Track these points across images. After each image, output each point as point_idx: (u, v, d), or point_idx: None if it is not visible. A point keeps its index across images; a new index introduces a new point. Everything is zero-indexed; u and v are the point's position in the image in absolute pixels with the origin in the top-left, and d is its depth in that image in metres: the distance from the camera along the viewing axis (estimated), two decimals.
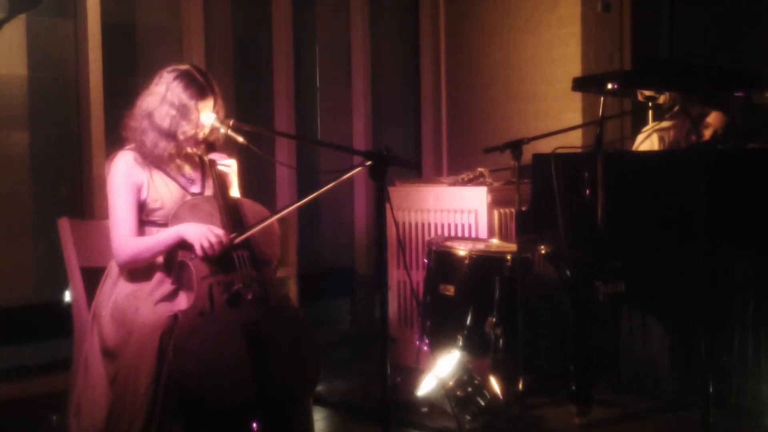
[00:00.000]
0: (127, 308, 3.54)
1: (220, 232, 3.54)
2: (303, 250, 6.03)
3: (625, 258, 4.68)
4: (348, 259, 6.71)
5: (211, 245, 3.50)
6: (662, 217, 4.22)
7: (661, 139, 5.07)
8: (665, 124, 5.11)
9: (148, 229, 3.68)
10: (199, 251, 3.50)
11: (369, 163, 3.22)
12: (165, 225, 3.64)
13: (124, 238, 3.58)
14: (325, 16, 6.71)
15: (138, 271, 3.61)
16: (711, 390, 4.15)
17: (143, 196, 3.65)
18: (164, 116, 3.64)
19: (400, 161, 3.42)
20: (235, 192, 3.93)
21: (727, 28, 6.30)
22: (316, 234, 6.56)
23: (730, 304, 4.61)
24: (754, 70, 5.62)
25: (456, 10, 7.02)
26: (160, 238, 3.60)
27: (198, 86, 3.68)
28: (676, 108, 5.03)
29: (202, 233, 3.52)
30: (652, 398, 4.85)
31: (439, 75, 7.10)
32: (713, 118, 5.06)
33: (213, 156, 3.86)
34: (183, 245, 3.57)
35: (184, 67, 3.75)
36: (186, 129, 3.66)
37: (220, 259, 3.57)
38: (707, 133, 5.06)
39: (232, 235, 3.56)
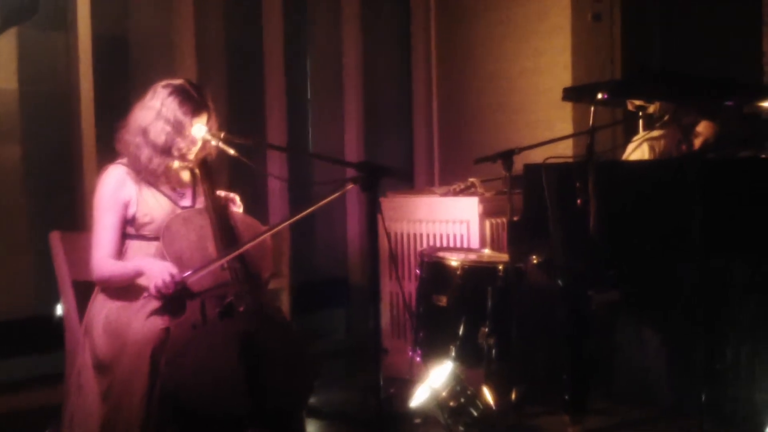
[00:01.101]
0: (120, 321, 3.55)
1: (174, 271, 3.50)
2: (297, 261, 6.03)
3: (618, 267, 4.69)
4: (342, 269, 6.70)
5: (165, 284, 3.47)
6: (654, 226, 4.21)
7: (652, 149, 5.07)
8: (656, 133, 5.12)
9: (138, 243, 3.70)
10: (152, 290, 3.48)
11: (355, 184, 3.24)
12: (155, 239, 3.65)
13: (101, 258, 3.62)
14: (317, 27, 6.72)
15: (132, 284, 3.62)
16: (705, 398, 4.16)
17: (132, 211, 3.68)
18: (159, 132, 3.65)
19: (392, 172, 3.44)
20: None
21: (718, 37, 6.31)
22: (309, 245, 6.56)
23: (725, 312, 4.62)
24: (744, 79, 5.65)
25: (447, 20, 7.04)
26: (127, 268, 3.61)
27: (193, 102, 3.70)
28: (667, 117, 5.03)
29: (159, 272, 3.49)
30: (648, 406, 4.85)
31: (430, 86, 7.11)
32: (703, 127, 5.06)
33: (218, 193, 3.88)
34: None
35: (178, 82, 3.76)
36: (181, 145, 3.68)
37: (176, 296, 3.54)
38: (698, 142, 5.06)
39: (187, 274, 3.51)
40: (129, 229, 3.70)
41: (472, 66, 6.86)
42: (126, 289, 3.61)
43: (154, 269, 3.51)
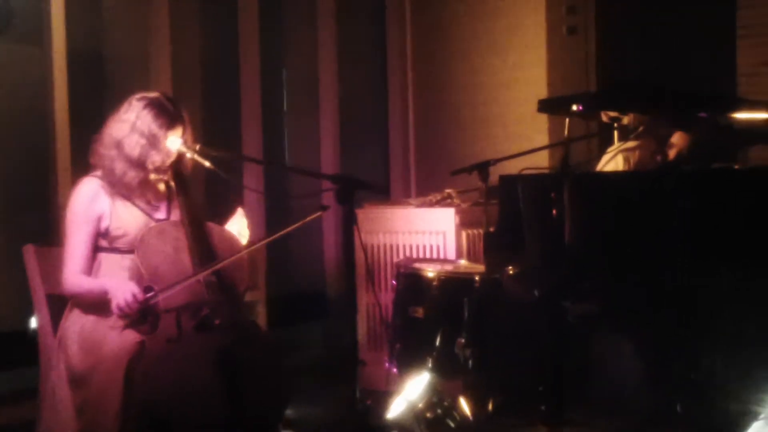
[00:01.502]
0: (94, 335, 3.54)
1: (136, 290, 3.49)
2: (273, 273, 6.01)
3: (594, 278, 4.69)
4: (318, 281, 6.69)
5: (127, 304, 3.46)
6: (630, 237, 4.23)
7: (626, 160, 5.09)
8: (630, 144, 5.13)
9: (111, 256, 3.68)
10: (114, 310, 3.47)
11: (324, 211, 3.26)
12: (129, 252, 3.63)
13: (72, 273, 3.61)
14: (293, 39, 6.73)
15: (105, 299, 3.59)
16: (681, 408, 4.18)
17: (105, 224, 3.66)
18: (134, 145, 3.63)
19: (368, 185, 3.46)
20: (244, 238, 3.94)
21: (694, 49, 6.35)
22: (285, 257, 6.54)
23: (700, 323, 4.63)
24: (719, 91, 5.69)
25: (424, 33, 7.06)
26: (93, 286, 3.59)
27: (168, 115, 3.69)
28: (641, 128, 5.05)
29: (121, 293, 3.47)
30: (625, 417, 4.85)
31: (406, 98, 7.12)
32: (678, 138, 5.08)
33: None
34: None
35: (153, 95, 3.75)
36: (155, 158, 3.66)
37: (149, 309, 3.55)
38: (672, 153, 5.08)
39: (149, 294, 3.51)
40: (102, 242, 3.68)
41: (448, 79, 6.88)
42: (100, 303, 3.58)
43: (117, 290, 3.49)
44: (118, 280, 3.57)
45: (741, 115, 4.81)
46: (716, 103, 4.90)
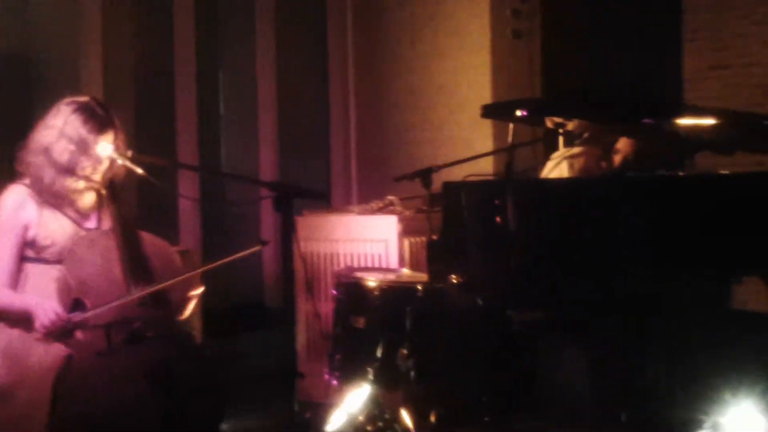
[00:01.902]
0: (20, 348, 3.44)
1: (59, 309, 3.41)
2: (210, 284, 5.91)
3: (538, 286, 4.67)
4: (257, 292, 6.61)
5: (51, 323, 3.38)
6: (575, 245, 4.21)
7: (571, 166, 5.09)
8: (575, 150, 5.13)
9: (38, 266, 3.57)
10: (39, 328, 3.39)
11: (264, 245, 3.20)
12: (57, 262, 3.54)
13: None
14: (230, 43, 6.66)
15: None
16: (626, 416, 4.16)
17: (31, 234, 3.56)
18: (62, 151, 3.55)
19: (306, 193, 3.41)
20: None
21: (640, 53, 6.40)
22: (223, 268, 6.46)
23: (645, 331, 4.62)
24: (665, 96, 5.71)
25: (365, 38, 7.04)
26: (14, 304, 3.50)
27: (98, 120, 3.61)
28: (587, 134, 5.04)
29: (43, 312, 3.39)
30: (571, 424, 4.83)
31: (348, 103, 7.09)
32: (623, 144, 5.10)
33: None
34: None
35: (83, 99, 3.68)
36: (85, 165, 3.58)
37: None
38: (617, 159, 5.10)
39: (72, 315, 3.44)
40: (28, 252, 3.57)
41: (391, 83, 6.88)
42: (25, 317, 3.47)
43: (39, 309, 3.41)
44: (40, 299, 3.47)
45: (686, 122, 4.80)
46: (661, 110, 4.91)
